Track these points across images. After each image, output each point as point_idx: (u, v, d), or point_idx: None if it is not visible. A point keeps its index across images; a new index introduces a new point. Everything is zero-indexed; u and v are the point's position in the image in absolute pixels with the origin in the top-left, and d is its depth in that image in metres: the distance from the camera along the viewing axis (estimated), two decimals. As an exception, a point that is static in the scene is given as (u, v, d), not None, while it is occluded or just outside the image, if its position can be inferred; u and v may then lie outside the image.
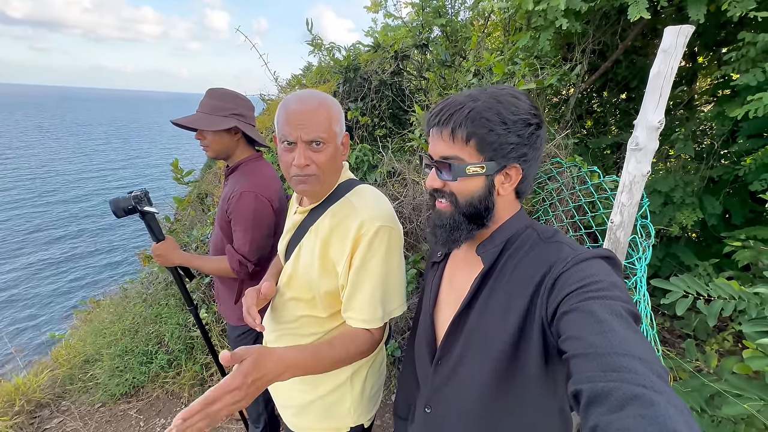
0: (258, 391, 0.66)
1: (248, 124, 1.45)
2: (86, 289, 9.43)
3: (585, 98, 2.96)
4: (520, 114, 0.65)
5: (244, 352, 0.65)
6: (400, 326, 2.33)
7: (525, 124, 0.65)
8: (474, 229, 0.71)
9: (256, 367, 0.65)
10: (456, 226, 0.70)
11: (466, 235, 0.71)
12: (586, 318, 0.50)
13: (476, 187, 0.68)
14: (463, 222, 0.70)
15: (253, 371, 0.64)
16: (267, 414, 1.74)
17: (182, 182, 2.42)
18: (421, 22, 2.58)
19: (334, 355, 0.85)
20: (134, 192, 1.30)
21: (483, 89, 0.68)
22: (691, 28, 1.00)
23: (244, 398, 0.63)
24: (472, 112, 0.64)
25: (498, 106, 0.64)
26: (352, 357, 0.90)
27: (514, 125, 0.64)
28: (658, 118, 1.05)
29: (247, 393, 0.63)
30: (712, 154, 2.44)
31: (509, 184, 0.69)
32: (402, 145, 2.65)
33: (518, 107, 0.65)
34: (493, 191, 0.69)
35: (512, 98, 0.66)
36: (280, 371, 0.69)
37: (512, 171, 0.68)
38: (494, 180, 0.68)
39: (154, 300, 2.81)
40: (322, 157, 0.89)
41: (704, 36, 2.37)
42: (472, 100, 0.65)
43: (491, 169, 0.66)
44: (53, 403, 2.37)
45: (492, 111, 0.64)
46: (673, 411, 0.38)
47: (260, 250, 1.40)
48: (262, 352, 0.68)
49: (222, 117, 1.39)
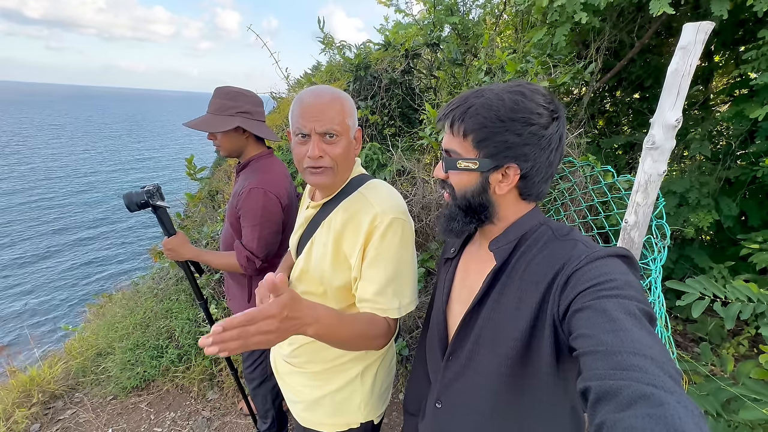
0: (288, 333, 0.63)
1: (255, 121, 1.44)
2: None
3: (597, 97, 2.92)
4: (520, 113, 0.63)
5: (283, 287, 0.63)
6: (408, 324, 2.33)
7: (526, 123, 0.63)
8: (471, 223, 0.72)
9: (292, 304, 0.63)
10: (453, 217, 0.73)
11: (462, 227, 0.72)
12: (598, 316, 0.49)
13: (469, 182, 0.69)
14: (459, 214, 0.72)
15: (289, 306, 0.62)
16: (275, 409, 1.76)
17: (195, 178, 2.45)
18: (432, 20, 2.57)
19: (356, 329, 0.83)
20: (147, 186, 1.32)
21: (495, 85, 0.68)
22: (711, 24, 0.98)
23: (276, 330, 0.60)
24: (471, 108, 0.65)
25: (498, 103, 0.63)
26: (369, 340, 0.87)
27: (512, 124, 0.63)
28: (675, 116, 1.03)
29: (280, 327, 0.60)
30: (729, 155, 2.38)
31: (506, 184, 0.67)
32: (411, 144, 2.65)
33: (521, 106, 0.63)
34: (488, 188, 0.68)
35: (518, 96, 0.64)
36: (310, 320, 0.67)
37: (510, 170, 0.66)
38: (489, 178, 0.67)
39: (165, 295, 2.85)
40: (336, 150, 0.90)
41: (722, 34, 2.32)
42: (476, 96, 0.66)
43: (485, 166, 0.66)
44: (66, 395, 2.41)
45: (491, 108, 0.63)
46: (684, 412, 0.36)
47: (268, 246, 1.40)
48: (296, 294, 0.65)
49: (227, 116, 1.39)
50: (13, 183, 18.75)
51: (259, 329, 0.58)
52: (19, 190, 17.77)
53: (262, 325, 0.59)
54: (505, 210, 0.71)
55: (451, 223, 0.73)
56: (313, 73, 3.92)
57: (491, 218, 0.71)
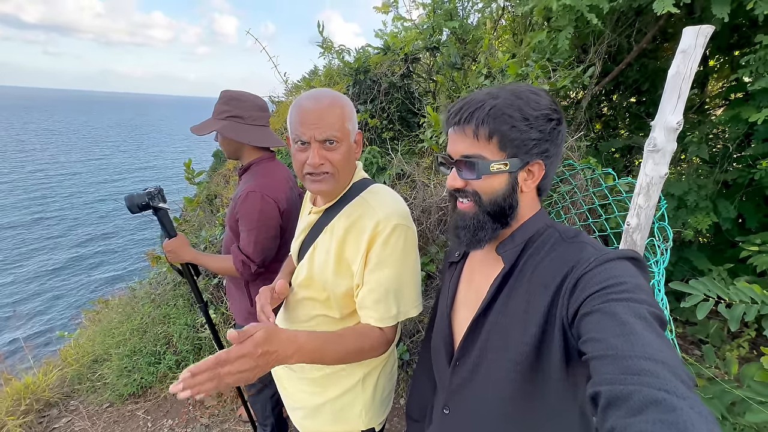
0: (267, 367, 0.64)
1: (245, 125, 1.42)
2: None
3: (595, 101, 2.94)
4: (541, 109, 0.64)
5: (255, 327, 0.63)
6: (409, 329, 2.31)
7: (546, 119, 0.64)
8: (498, 228, 0.70)
9: (268, 340, 0.63)
10: (480, 226, 0.69)
11: (490, 235, 0.69)
12: (608, 320, 0.49)
13: (500, 184, 0.67)
14: (488, 221, 0.69)
15: (264, 343, 0.62)
16: (274, 417, 1.73)
17: (193, 182, 2.44)
18: (432, 24, 2.59)
19: (345, 347, 0.83)
20: (148, 188, 1.32)
21: (501, 87, 0.67)
22: (711, 28, 0.98)
23: (252, 369, 0.60)
24: (493, 109, 0.63)
25: (519, 102, 0.64)
26: (363, 353, 0.88)
27: (536, 120, 0.64)
28: (676, 119, 1.04)
29: (257, 364, 0.61)
30: (725, 158, 2.40)
31: (532, 181, 0.68)
32: (411, 147, 2.65)
33: (539, 103, 0.64)
34: (516, 188, 0.68)
35: (532, 94, 0.65)
36: (290, 351, 0.68)
37: (535, 167, 0.67)
38: (517, 177, 0.67)
39: (163, 300, 2.82)
40: (337, 156, 0.89)
41: (717, 39, 2.35)
42: (492, 98, 0.65)
43: (515, 165, 0.66)
44: (62, 403, 2.38)
45: (513, 107, 0.63)
46: (696, 418, 0.36)
47: (265, 251, 1.39)
48: (274, 328, 0.66)
49: (214, 120, 1.41)
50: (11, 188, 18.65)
51: (233, 369, 0.58)
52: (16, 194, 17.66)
53: (237, 365, 0.59)
54: (524, 209, 0.70)
55: (479, 233, 0.69)
56: (311, 78, 3.93)
57: (513, 220, 0.70)
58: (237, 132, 1.40)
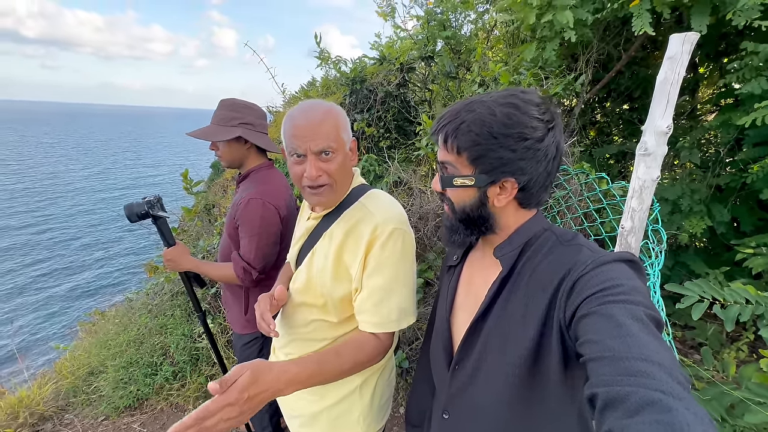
0: (257, 408, 0.63)
1: (257, 132, 1.47)
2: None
3: (588, 108, 2.99)
4: (514, 127, 0.61)
5: (238, 371, 0.62)
6: (408, 336, 2.30)
7: (519, 138, 0.61)
8: (472, 235, 0.72)
9: (254, 383, 0.62)
10: (454, 230, 0.73)
11: (463, 239, 0.73)
12: (604, 321, 0.49)
13: (468, 197, 0.68)
14: (461, 227, 0.72)
15: (250, 387, 0.61)
16: (272, 426, 1.71)
17: (191, 192, 2.45)
18: (426, 34, 2.64)
19: (341, 364, 0.83)
20: (148, 197, 1.32)
21: (487, 96, 0.66)
22: (696, 35, 1.01)
23: (239, 415, 0.59)
24: (462, 124, 0.63)
25: (490, 119, 0.62)
26: (361, 365, 0.88)
27: (505, 140, 0.61)
28: (666, 123, 1.06)
29: (243, 410, 0.60)
30: (717, 162, 2.44)
31: (504, 197, 0.67)
32: (408, 155, 2.68)
33: (514, 120, 0.61)
34: (486, 202, 0.68)
35: (511, 109, 0.62)
36: (280, 386, 0.67)
37: (507, 184, 0.65)
38: (487, 192, 0.67)
39: (160, 311, 2.80)
40: (333, 166, 0.90)
41: (705, 47, 2.40)
42: (468, 111, 0.64)
43: (482, 181, 0.65)
44: (56, 416, 2.34)
45: (483, 125, 0.62)
46: (692, 418, 0.36)
47: (266, 257, 1.39)
48: (260, 367, 0.65)
49: (229, 127, 1.42)
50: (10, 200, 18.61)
51: (219, 419, 0.57)
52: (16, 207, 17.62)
53: (223, 414, 0.58)
54: (506, 220, 0.70)
55: (453, 235, 0.73)
56: (309, 88, 3.98)
57: (492, 229, 0.71)
58: (254, 138, 1.43)
